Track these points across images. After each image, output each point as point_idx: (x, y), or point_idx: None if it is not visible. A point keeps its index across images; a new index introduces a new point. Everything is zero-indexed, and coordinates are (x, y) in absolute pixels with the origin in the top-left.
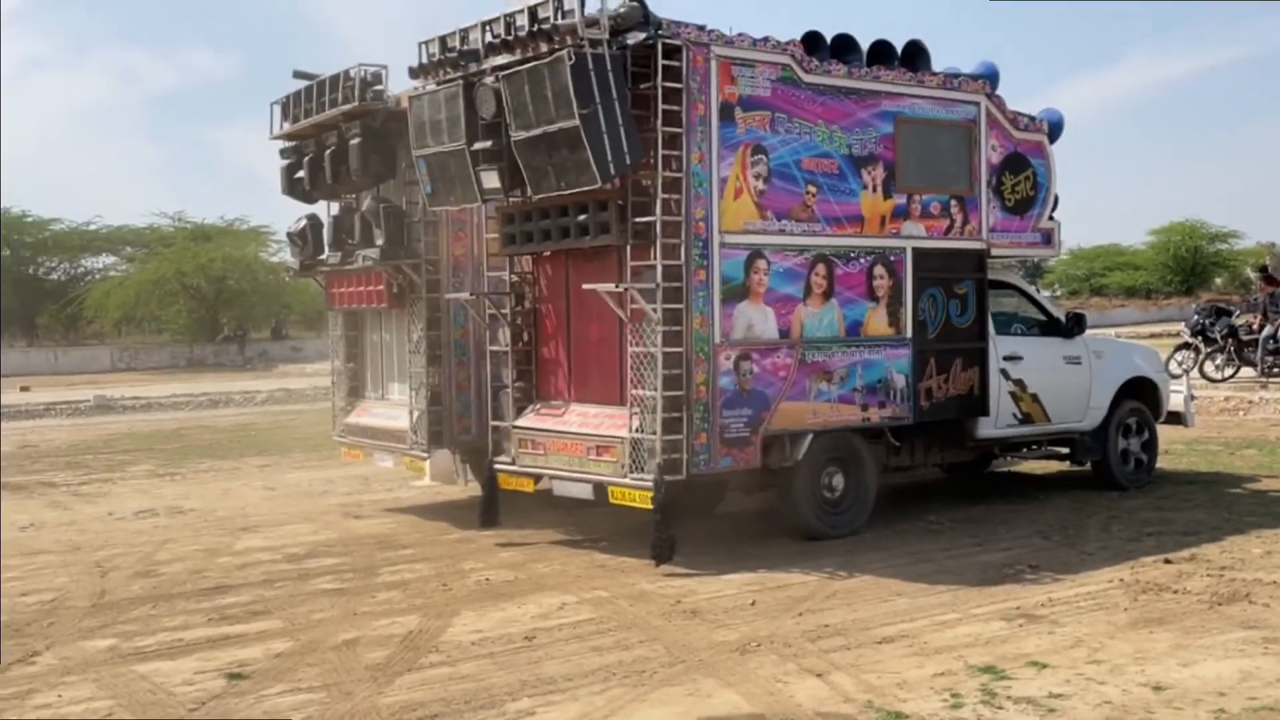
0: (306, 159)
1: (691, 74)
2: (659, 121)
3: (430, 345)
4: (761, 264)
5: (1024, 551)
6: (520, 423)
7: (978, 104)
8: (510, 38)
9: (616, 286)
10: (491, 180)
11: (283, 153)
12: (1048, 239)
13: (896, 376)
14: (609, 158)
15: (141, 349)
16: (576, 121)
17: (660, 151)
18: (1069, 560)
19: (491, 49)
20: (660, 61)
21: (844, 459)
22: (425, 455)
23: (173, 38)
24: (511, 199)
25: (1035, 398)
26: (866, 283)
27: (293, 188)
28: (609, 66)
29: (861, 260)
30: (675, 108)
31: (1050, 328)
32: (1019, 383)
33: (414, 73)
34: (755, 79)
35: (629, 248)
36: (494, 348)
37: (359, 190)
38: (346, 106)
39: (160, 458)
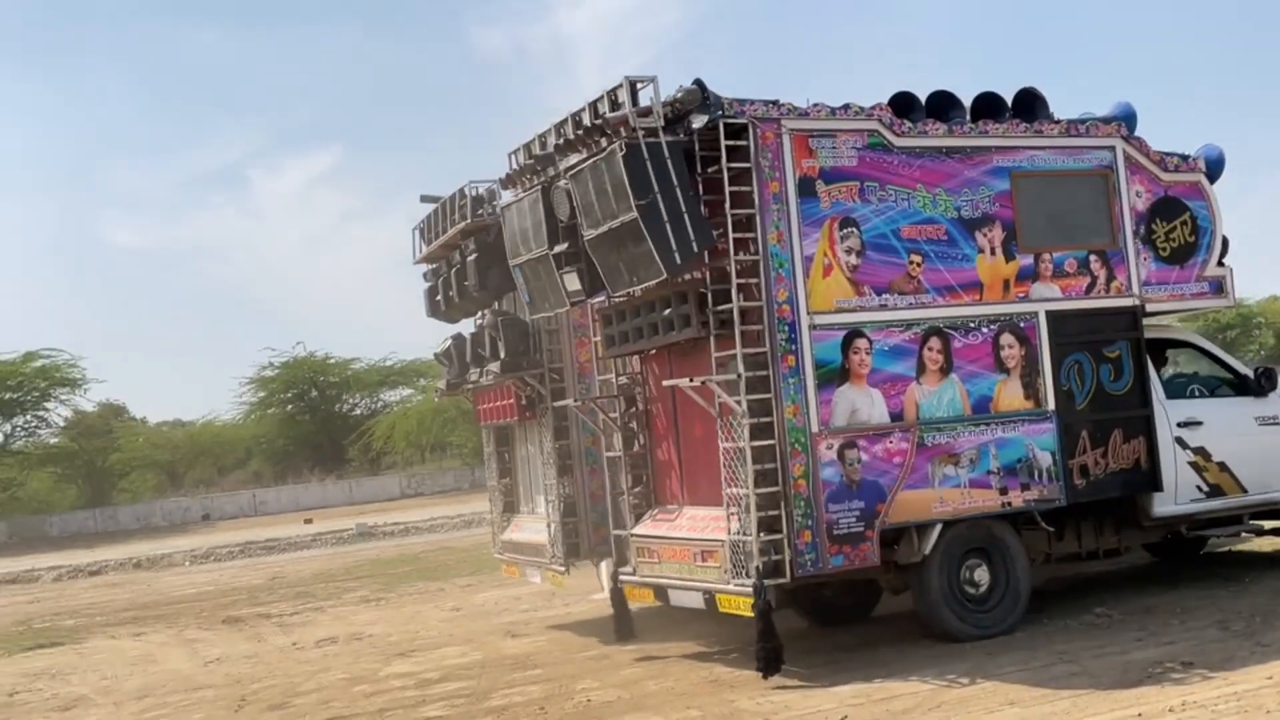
0: (440, 280)
1: (761, 151)
2: (728, 204)
3: (560, 455)
4: (861, 343)
5: (1189, 646)
6: (638, 530)
7: (1112, 148)
8: (573, 137)
9: (693, 380)
10: (573, 282)
11: (425, 276)
12: (1218, 288)
13: (1040, 454)
14: (673, 247)
15: (428, 475)
16: (635, 213)
17: (731, 234)
18: (1235, 655)
19: (560, 150)
20: (724, 142)
21: (987, 550)
22: (563, 569)
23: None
24: (615, 299)
25: (1223, 466)
26: (993, 353)
27: (434, 309)
28: (666, 154)
29: (984, 330)
30: (745, 188)
31: (1238, 387)
32: (1200, 451)
33: (504, 183)
34: (837, 149)
35: (712, 338)
36: (609, 453)
37: (485, 305)
38: (461, 225)
39: (381, 583)
